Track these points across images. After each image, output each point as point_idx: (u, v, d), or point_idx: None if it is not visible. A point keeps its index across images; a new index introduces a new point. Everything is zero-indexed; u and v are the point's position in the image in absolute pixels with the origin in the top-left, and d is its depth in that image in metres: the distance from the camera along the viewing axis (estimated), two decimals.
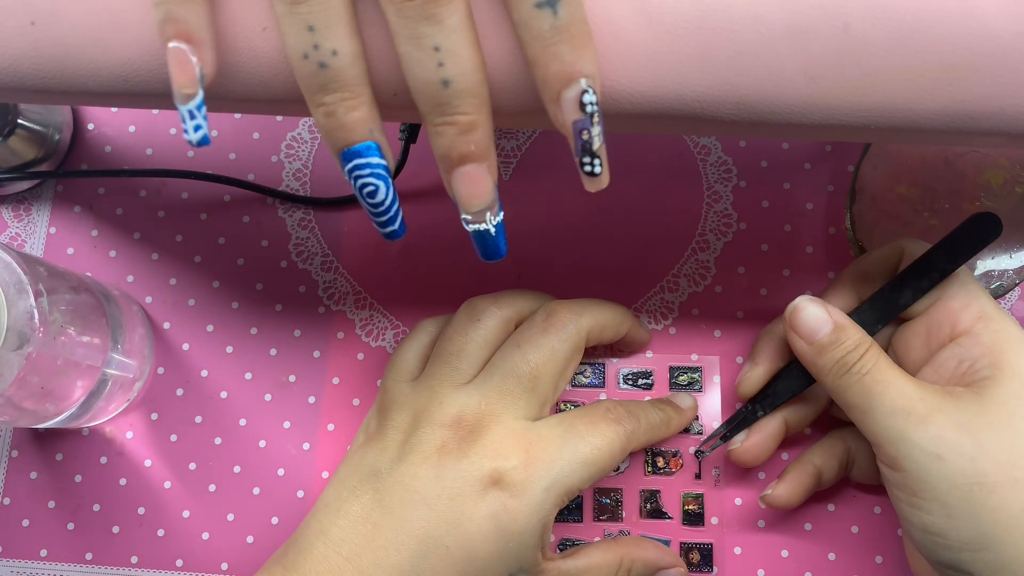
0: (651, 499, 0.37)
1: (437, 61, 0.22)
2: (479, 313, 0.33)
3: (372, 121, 0.24)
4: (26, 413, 0.33)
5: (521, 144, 0.40)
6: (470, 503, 0.30)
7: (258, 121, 0.41)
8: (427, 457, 0.31)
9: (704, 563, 0.36)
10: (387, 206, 0.25)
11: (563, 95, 0.23)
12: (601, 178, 0.24)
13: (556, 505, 0.31)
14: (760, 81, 0.24)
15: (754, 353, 0.36)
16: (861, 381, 0.30)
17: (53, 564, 0.38)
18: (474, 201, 0.25)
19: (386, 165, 0.25)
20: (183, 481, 0.38)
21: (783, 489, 0.34)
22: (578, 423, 0.32)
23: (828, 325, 0.31)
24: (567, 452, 0.31)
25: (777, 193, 0.40)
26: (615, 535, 0.36)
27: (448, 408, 0.32)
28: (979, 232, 0.31)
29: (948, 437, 0.28)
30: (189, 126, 0.23)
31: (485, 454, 0.31)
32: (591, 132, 0.23)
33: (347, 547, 0.30)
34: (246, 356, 0.39)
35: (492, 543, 0.30)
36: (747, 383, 0.35)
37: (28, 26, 0.25)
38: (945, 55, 0.24)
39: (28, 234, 0.40)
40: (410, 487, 0.30)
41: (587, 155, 0.24)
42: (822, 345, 0.31)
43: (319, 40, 0.22)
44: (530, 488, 0.30)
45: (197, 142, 0.23)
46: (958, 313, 0.31)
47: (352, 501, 0.31)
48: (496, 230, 0.26)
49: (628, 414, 0.34)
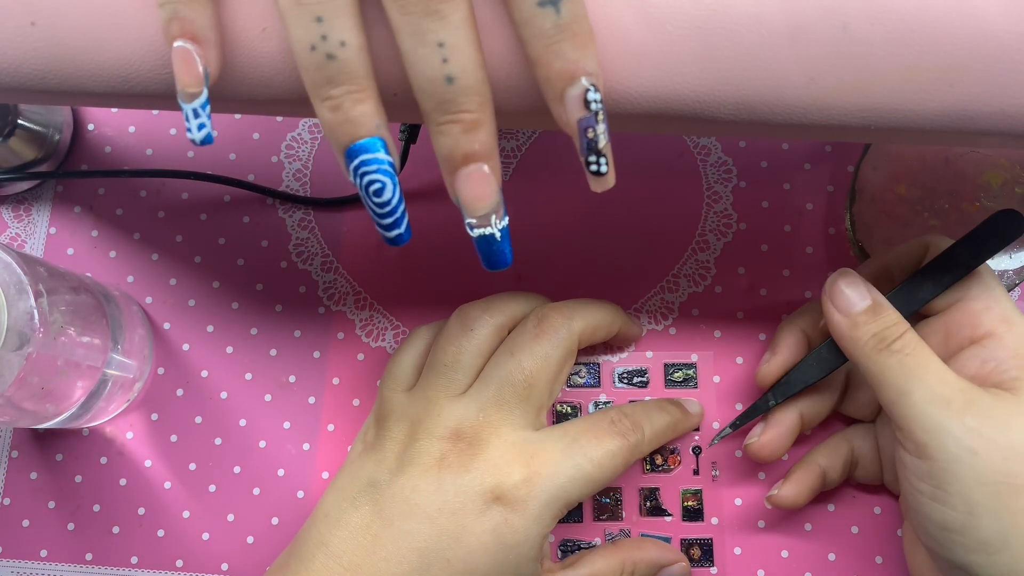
0: (650, 497, 0.37)
1: (441, 57, 0.22)
2: (471, 322, 0.33)
3: (378, 116, 0.23)
4: (26, 413, 0.33)
5: (521, 144, 0.40)
6: (472, 518, 0.30)
7: (258, 121, 0.41)
8: (427, 470, 0.31)
9: (705, 558, 0.36)
10: (393, 206, 0.25)
11: (567, 93, 0.22)
12: (607, 177, 0.24)
13: (555, 517, 0.31)
14: (760, 81, 0.24)
15: (774, 343, 0.35)
16: (903, 361, 0.29)
17: (53, 564, 0.38)
18: (479, 204, 0.24)
19: (392, 162, 0.24)
20: (183, 481, 0.38)
21: (789, 489, 0.34)
22: (582, 437, 0.32)
23: (866, 300, 0.31)
24: (569, 467, 0.31)
25: (777, 193, 0.40)
26: (615, 535, 0.36)
27: (446, 420, 0.31)
28: (1003, 229, 0.31)
29: (984, 432, 0.27)
30: (193, 125, 0.23)
31: (487, 469, 0.31)
32: (596, 130, 0.23)
33: (348, 558, 0.30)
34: (246, 356, 0.39)
35: (492, 556, 0.30)
36: (765, 372, 0.35)
37: (28, 26, 0.25)
38: (945, 55, 0.24)
39: (28, 234, 0.40)
40: (410, 500, 0.30)
41: (593, 154, 0.23)
42: (858, 318, 0.30)
43: (327, 31, 0.22)
44: (532, 503, 0.30)
45: (201, 141, 0.23)
46: (980, 315, 0.31)
47: (352, 512, 0.31)
48: (501, 235, 0.25)
49: (633, 427, 0.33)
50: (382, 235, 0.25)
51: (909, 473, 0.29)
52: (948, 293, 0.32)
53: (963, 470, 0.27)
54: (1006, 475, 0.27)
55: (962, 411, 0.28)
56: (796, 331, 0.35)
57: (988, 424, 0.28)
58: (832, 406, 0.36)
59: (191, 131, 0.23)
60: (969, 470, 0.27)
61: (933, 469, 0.28)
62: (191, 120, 0.23)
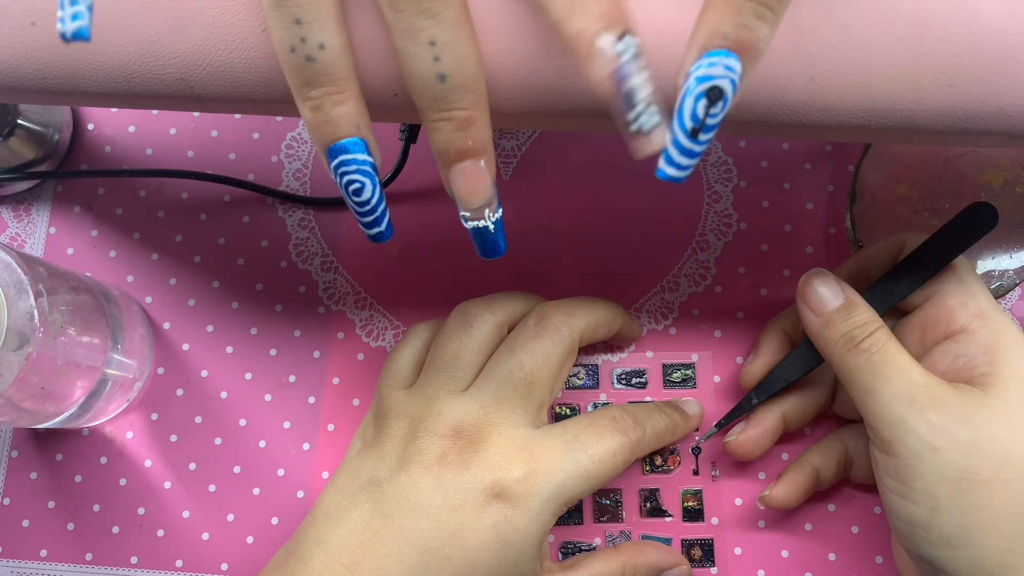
0: (651, 498, 0.37)
1: (433, 55, 0.22)
2: (472, 319, 0.33)
3: (359, 116, 0.24)
4: (26, 413, 0.33)
5: (521, 144, 0.40)
6: (472, 514, 0.30)
7: (258, 121, 0.41)
8: (427, 467, 0.31)
9: (706, 559, 0.36)
10: (373, 205, 0.25)
11: (596, 44, 0.20)
12: (653, 136, 0.21)
13: (555, 514, 0.31)
14: (760, 81, 0.24)
15: (757, 345, 0.36)
16: (869, 360, 0.29)
17: (53, 564, 0.38)
18: (472, 198, 0.25)
19: (372, 162, 0.24)
20: (183, 481, 0.38)
21: (781, 490, 0.34)
22: (582, 434, 0.32)
23: (839, 298, 0.31)
24: (569, 464, 0.31)
25: (777, 193, 0.40)
26: (616, 536, 0.36)
27: (447, 418, 0.31)
28: (975, 222, 0.31)
29: (947, 429, 0.28)
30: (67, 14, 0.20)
31: (487, 466, 0.31)
32: (631, 81, 0.20)
33: (347, 556, 0.30)
34: (246, 356, 0.39)
35: (492, 553, 0.30)
36: (748, 374, 0.35)
37: (28, 27, 0.25)
38: (945, 55, 0.24)
39: (28, 234, 0.40)
40: (410, 497, 0.30)
41: (632, 108, 0.21)
42: (831, 317, 0.31)
43: (306, 33, 0.22)
44: (532, 500, 0.30)
45: (73, 33, 0.20)
46: (955, 310, 0.31)
47: (351, 510, 0.31)
48: (495, 227, 0.26)
49: (634, 424, 0.33)
50: (364, 232, 0.26)
51: (879, 469, 0.30)
52: (924, 288, 0.32)
53: (925, 466, 0.28)
54: (968, 471, 0.27)
55: (925, 408, 0.28)
56: (778, 332, 0.36)
57: (951, 420, 0.28)
58: (818, 406, 0.36)
59: (63, 21, 0.20)
60: (931, 466, 0.28)
61: (898, 465, 0.28)
62: (65, 8, 0.20)
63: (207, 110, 0.27)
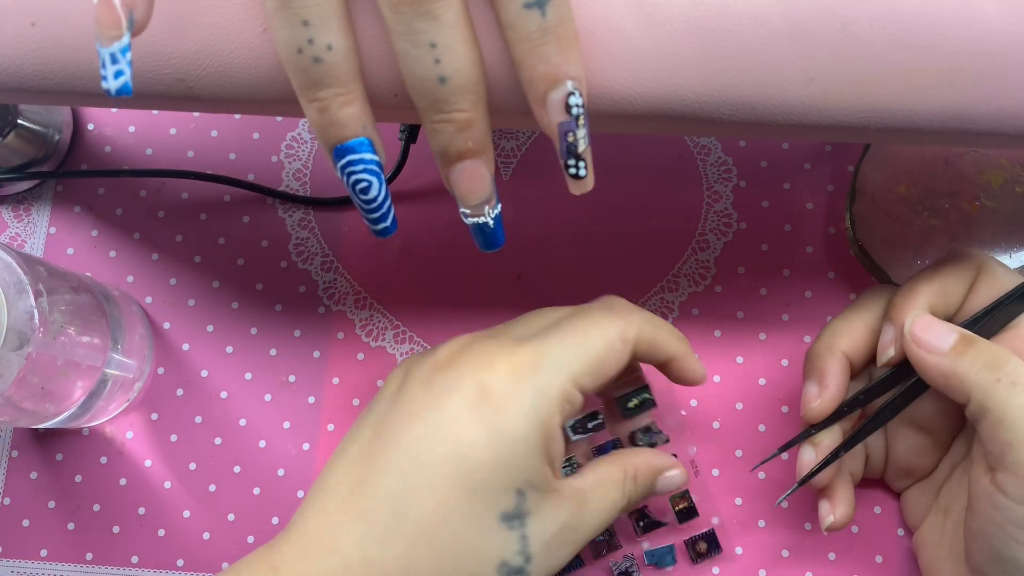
0: (641, 516, 0.36)
1: (433, 58, 0.22)
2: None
3: (365, 117, 0.24)
4: (26, 413, 0.33)
5: (521, 144, 0.40)
6: (457, 409, 0.27)
7: (258, 121, 0.41)
8: (422, 381, 0.29)
9: (712, 548, 0.36)
10: (379, 203, 0.25)
11: (549, 96, 0.23)
12: (585, 181, 0.25)
13: (553, 408, 0.28)
14: (760, 82, 0.24)
15: (820, 372, 0.33)
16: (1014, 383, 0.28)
17: (53, 564, 0.38)
18: (472, 195, 0.25)
19: (379, 161, 0.25)
20: (183, 481, 0.38)
21: (841, 511, 0.33)
22: (566, 323, 0.30)
23: (953, 335, 0.30)
24: (556, 348, 0.28)
25: (777, 193, 0.40)
26: (620, 562, 0.36)
27: (451, 345, 0.30)
28: None
29: None
30: (109, 71, 0.21)
31: (470, 363, 0.28)
32: (576, 135, 0.23)
33: (344, 488, 0.28)
34: (246, 356, 0.39)
35: (486, 449, 0.27)
36: (817, 409, 0.33)
37: (28, 27, 0.25)
38: (945, 55, 0.24)
39: (28, 234, 0.40)
40: (404, 410, 0.28)
41: (572, 157, 0.24)
42: (960, 350, 0.29)
43: (314, 35, 0.22)
44: (520, 390, 0.28)
45: (116, 91, 0.21)
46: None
47: (352, 443, 0.29)
48: (494, 222, 0.26)
49: (627, 310, 0.31)
50: (369, 228, 0.26)
51: (1003, 517, 0.28)
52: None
53: None
54: None
55: None
56: (840, 358, 0.33)
57: None
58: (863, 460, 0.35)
59: (106, 79, 0.21)
60: None
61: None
62: (108, 66, 0.21)
63: (207, 110, 0.27)
